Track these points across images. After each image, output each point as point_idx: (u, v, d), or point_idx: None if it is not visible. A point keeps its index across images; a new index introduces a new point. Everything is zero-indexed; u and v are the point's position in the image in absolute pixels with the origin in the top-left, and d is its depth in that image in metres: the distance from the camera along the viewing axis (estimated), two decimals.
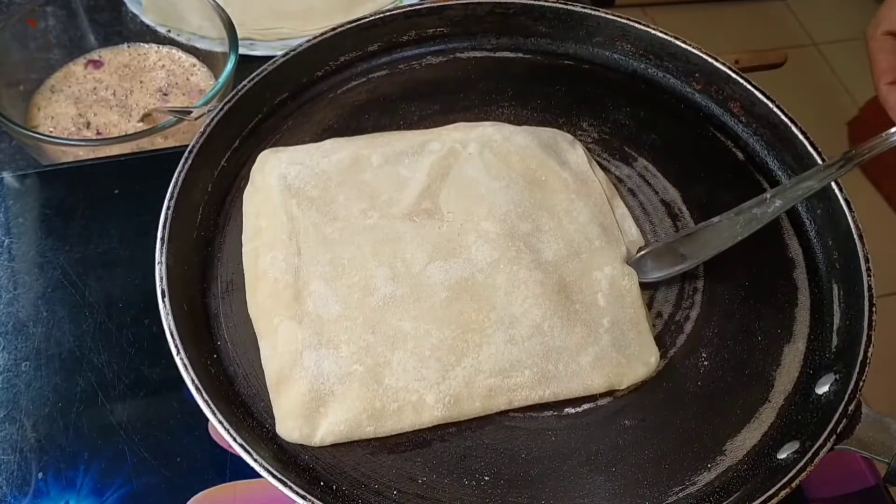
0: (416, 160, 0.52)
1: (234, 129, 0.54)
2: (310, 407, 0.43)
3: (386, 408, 0.43)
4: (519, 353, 0.45)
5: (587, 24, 0.59)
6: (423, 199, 0.50)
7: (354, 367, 0.44)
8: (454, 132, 0.54)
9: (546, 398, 0.45)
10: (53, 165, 0.60)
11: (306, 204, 0.49)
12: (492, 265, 0.47)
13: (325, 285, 0.46)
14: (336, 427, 0.43)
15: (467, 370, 0.44)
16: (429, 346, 0.45)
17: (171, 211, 0.48)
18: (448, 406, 0.43)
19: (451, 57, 0.60)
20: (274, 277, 0.46)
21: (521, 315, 0.46)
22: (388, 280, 0.46)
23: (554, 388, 0.45)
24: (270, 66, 0.55)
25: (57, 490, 0.45)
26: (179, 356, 0.43)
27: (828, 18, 1.85)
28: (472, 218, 0.49)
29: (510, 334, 0.45)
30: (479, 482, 0.42)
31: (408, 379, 0.44)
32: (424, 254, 0.47)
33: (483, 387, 0.44)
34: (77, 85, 0.67)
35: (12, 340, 0.50)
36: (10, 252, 0.53)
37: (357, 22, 0.57)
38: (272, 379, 0.44)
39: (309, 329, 0.45)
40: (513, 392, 0.44)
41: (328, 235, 0.48)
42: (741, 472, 0.43)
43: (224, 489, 0.46)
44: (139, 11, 0.69)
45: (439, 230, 0.49)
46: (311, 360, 0.44)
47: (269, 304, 0.46)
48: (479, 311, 0.46)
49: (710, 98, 0.57)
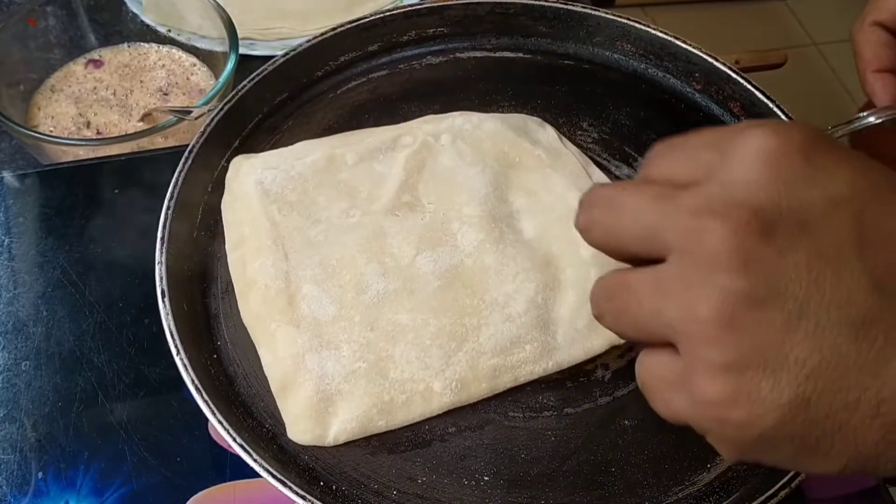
0: (390, 155, 0.52)
1: (234, 129, 0.54)
2: (318, 408, 0.43)
3: (395, 400, 0.43)
4: (517, 329, 0.45)
5: (587, 24, 0.59)
6: (402, 193, 0.50)
7: (358, 364, 0.44)
8: (424, 125, 0.54)
9: (550, 369, 0.45)
10: (53, 165, 0.60)
11: (287, 209, 0.49)
12: (479, 248, 0.47)
13: (317, 287, 0.46)
14: (348, 425, 0.43)
15: (469, 354, 0.44)
16: (428, 335, 0.45)
17: (171, 211, 0.48)
18: (455, 391, 0.44)
19: (451, 57, 0.60)
20: (265, 284, 0.46)
21: (514, 292, 0.46)
22: (379, 276, 0.46)
23: (557, 357, 0.45)
24: (270, 65, 0.55)
25: (57, 490, 0.45)
26: (179, 356, 0.43)
27: (828, 18, 1.85)
28: (453, 206, 0.50)
29: (506, 313, 0.46)
30: (479, 482, 0.42)
31: (412, 370, 0.44)
32: (411, 246, 0.48)
33: (487, 367, 0.44)
34: (77, 84, 0.67)
35: (12, 340, 0.50)
36: (10, 251, 0.53)
37: (357, 22, 0.57)
38: (277, 385, 0.44)
39: (307, 332, 0.45)
40: (517, 369, 0.45)
41: (313, 238, 0.48)
42: (741, 472, 0.43)
43: (224, 489, 0.46)
44: (139, 11, 0.69)
45: (422, 221, 0.49)
46: (313, 362, 0.44)
47: (264, 311, 0.46)
48: (472, 295, 0.46)
49: (710, 98, 0.57)
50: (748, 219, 0.26)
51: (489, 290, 0.46)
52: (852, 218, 0.26)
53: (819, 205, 0.26)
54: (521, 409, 0.45)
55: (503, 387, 0.45)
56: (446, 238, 0.48)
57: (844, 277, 0.26)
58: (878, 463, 0.27)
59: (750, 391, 0.26)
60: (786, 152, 0.27)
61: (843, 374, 0.25)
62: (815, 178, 0.26)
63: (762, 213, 0.26)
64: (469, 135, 0.53)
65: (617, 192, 0.31)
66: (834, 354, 0.25)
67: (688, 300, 0.27)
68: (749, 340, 0.26)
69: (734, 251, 0.26)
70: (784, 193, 0.26)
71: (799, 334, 0.25)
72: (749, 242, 0.26)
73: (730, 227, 0.26)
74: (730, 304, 0.26)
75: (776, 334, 0.26)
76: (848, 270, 0.26)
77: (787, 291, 0.26)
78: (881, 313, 0.25)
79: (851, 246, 0.26)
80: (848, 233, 0.26)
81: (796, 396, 0.26)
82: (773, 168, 0.27)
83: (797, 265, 0.26)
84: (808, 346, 0.25)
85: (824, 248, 0.26)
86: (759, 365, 0.26)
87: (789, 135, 0.27)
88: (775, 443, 0.27)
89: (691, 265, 0.27)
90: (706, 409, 0.27)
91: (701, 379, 0.27)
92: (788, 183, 0.26)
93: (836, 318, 0.25)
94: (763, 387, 0.26)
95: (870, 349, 0.25)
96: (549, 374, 0.45)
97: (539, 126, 0.55)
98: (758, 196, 0.26)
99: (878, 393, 0.25)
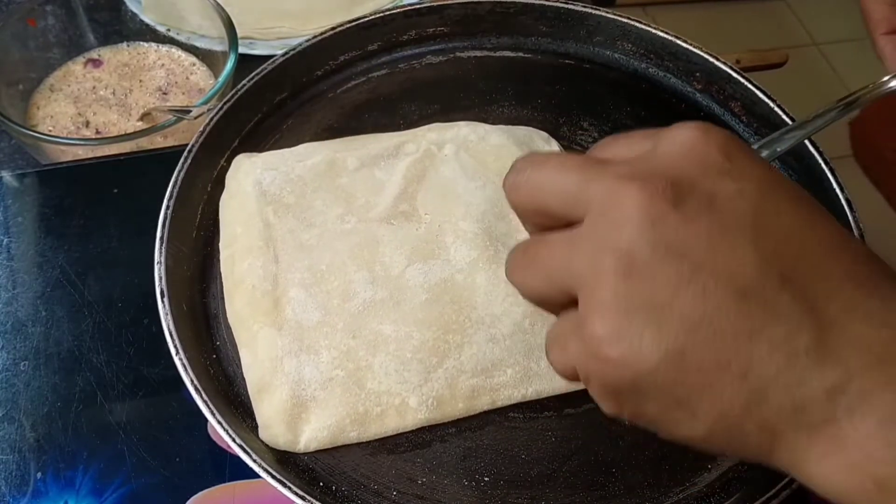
0: (391, 163, 0.52)
1: (234, 128, 0.54)
2: (292, 413, 0.42)
3: (369, 412, 0.43)
4: (500, 352, 0.45)
5: (588, 23, 0.59)
6: (400, 202, 0.50)
7: (336, 372, 0.43)
8: (429, 133, 0.53)
9: (529, 396, 0.44)
10: (52, 165, 0.60)
11: (283, 211, 0.49)
12: (471, 265, 0.47)
13: (303, 292, 0.46)
14: (319, 433, 0.42)
15: (449, 371, 0.44)
16: (410, 348, 0.44)
17: (171, 211, 0.48)
18: (431, 408, 0.43)
19: (451, 56, 0.60)
20: (252, 284, 0.46)
21: (501, 314, 0.46)
22: (367, 284, 0.46)
23: (536, 385, 0.44)
24: (270, 65, 0.55)
25: (56, 490, 0.45)
26: (178, 356, 0.43)
27: (828, 18, 1.85)
28: (449, 219, 0.49)
29: (491, 333, 0.45)
30: (479, 483, 0.42)
31: (390, 382, 0.43)
32: (403, 256, 0.47)
33: (466, 387, 0.44)
34: (76, 84, 0.67)
35: (11, 340, 0.50)
36: (9, 251, 0.53)
37: (357, 21, 0.57)
38: (253, 387, 0.44)
39: (289, 336, 0.44)
40: (495, 392, 0.44)
41: (305, 242, 0.48)
42: (742, 472, 0.43)
43: (223, 489, 0.45)
44: (138, 10, 0.69)
45: (417, 232, 0.49)
46: (291, 366, 0.43)
47: (248, 312, 0.45)
48: (459, 312, 0.46)
49: (711, 98, 0.57)
50: (664, 187, 0.29)
51: (476, 308, 0.46)
52: (754, 208, 0.29)
53: (729, 191, 0.29)
54: (521, 409, 0.45)
55: (479, 408, 0.44)
56: (439, 251, 0.48)
57: (737, 252, 0.28)
58: (744, 433, 0.28)
59: (633, 334, 0.28)
60: (708, 146, 0.30)
61: (720, 336, 0.28)
62: (730, 171, 0.30)
63: (677, 185, 0.29)
64: (473, 147, 0.52)
65: (550, 157, 0.34)
66: (715, 316, 0.28)
67: (596, 251, 0.29)
68: (643, 290, 0.28)
69: (646, 212, 0.29)
70: (700, 175, 0.29)
71: (689, 293, 0.28)
72: (661, 206, 0.29)
73: (646, 192, 0.29)
74: (632, 257, 0.29)
75: (668, 289, 0.28)
76: (741, 247, 0.28)
77: (685, 254, 0.28)
78: (762, 288, 0.28)
79: (749, 229, 0.29)
80: (748, 218, 0.29)
81: (674, 347, 0.28)
82: (694, 155, 0.30)
83: (698, 233, 0.28)
84: (694, 304, 0.28)
85: (725, 225, 0.29)
86: (648, 312, 0.28)
87: (715, 134, 0.30)
88: (648, 391, 0.29)
89: (605, 222, 0.29)
90: (591, 347, 0.29)
91: (593, 318, 0.29)
92: (706, 169, 0.30)
93: (724, 284, 0.28)
94: (646, 333, 0.28)
95: (747, 317, 0.28)
96: (528, 400, 0.44)
97: (545, 142, 0.54)
98: (677, 172, 0.30)
99: (748, 358, 0.28)
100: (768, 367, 0.28)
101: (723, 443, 0.29)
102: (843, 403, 0.27)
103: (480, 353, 0.44)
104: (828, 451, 0.28)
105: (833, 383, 0.27)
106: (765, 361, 0.28)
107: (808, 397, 0.27)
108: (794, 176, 0.53)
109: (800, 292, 0.28)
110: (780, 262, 0.28)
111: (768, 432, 0.28)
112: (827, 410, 0.27)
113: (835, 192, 0.50)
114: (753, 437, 0.29)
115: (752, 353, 0.28)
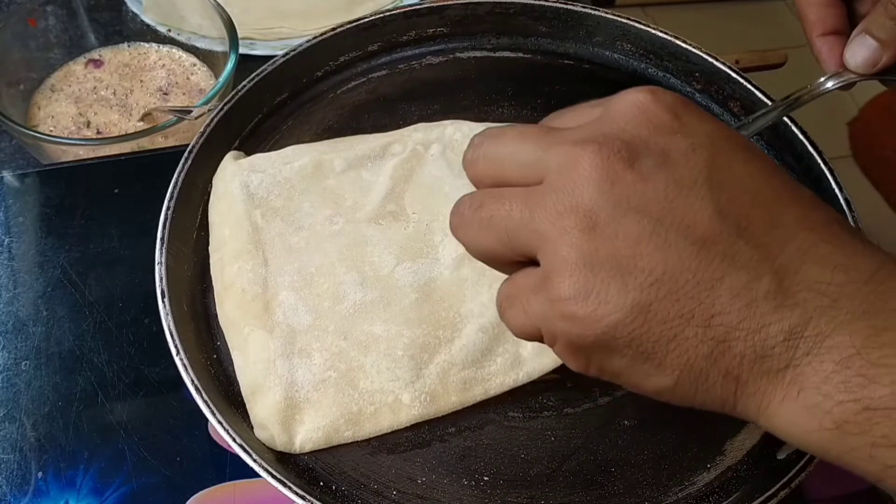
0: (378, 163, 0.52)
1: (234, 128, 0.54)
2: (286, 415, 0.42)
3: (363, 411, 0.43)
4: (490, 341, 0.45)
5: (587, 23, 0.59)
6: (387, 202, 0.50)
7: (328, 373, 0.44)
8: (415, 133, 0.53)
9: (521, 380, 0.45)
10: (53, 165, 0.60)
11: (271, 214, 0.49)
12: (458, 259, 0.47)
13: (294, 295, 0.46)
14: (314, 434, 0.42)
15: (441, 366, 0.44)
16: (401, 346, 0.44)
17: (171, 211, 0.48)
18: (424, 404, 0.43)
19: (451, 57, 0.60)
20: (242, 288, 0.46)
21: (489, 302, 0.46)
22: (357, 286, 0.46)
23: (527, 368, 0.45)
24: (270, 65, 0.55)
25: (56, 489, 0.45)
26: (179, 356, 0.43)
27: None
28: (437, 217, 0.49)
29: (481, 323, 0.45)
30: (479, 482, 0.42)
31: (382, 381, 0.44)
32: (392, 256, 0.47)
33: (458, 380, 0.44)
34: (77, 84, 0.67)
35: (12, 339, 0.50)
36: (10, 251, 0.53)
37: (357, 22, 0.57)
38: (247, 389, 0.44)
39: (280, 339, 0.44)
40: (487, 381, 0.44)
41: (294, 245, 0.48)
42: (741, 472, 0.43)
43: (223, 489, 0.46)
44: (139, 11, 0.69)
45: (405, 231, 0.49)
46: (283, 368, 0.43)
47: (238, 315, 0.45)
48: (449, 308, 0.46)
49: (710, 98, 0.57)
50: (619, 147, 0.30)
51: (466, 301, 0.46)
52: (707, 160, 0.30)
53: (681, 147, 0.30)
54: (521, 409, 0.45)
55: (473, 400, 0.44)
56: (427, 250, 0.48)
57: (694, 204, 0.29)
58: (708, 383, 0.29)
59: (599, 290, 0.29)
60: (657, 107, 0.31)
61: (683, 286, 0.29)
62: (680, 129, 0.31)
63: (631, 145, 0.30)
64: (459, 146, 0.52)
65: (506, 129, 0.34)
66: (677, 267, 0.29)
67: (557, 209, 0.30)
68: (606, 247, 0.29)
69: (604, 172, 0.30)
70: (652, 134, 0.31)
71: (650, 246, 0.29)
72: (617, 166, 0.30)
73: (603, 154, 0.30)
74: (593, 215, 0.30)
75: (630, 244, 0.29)
76: (698, 199, 0.29)
77: (644, 210, 0.29)
78: (720, 237, 0.29)
79: (704, 181, 0.30)
80: (701, 171, 0.30)
81: (639, 301, 0.29)
82: (645, 116, 0.31)
83: (655, 189, 0.29)
84: (656, 257, 0.29)
85: (680, 179, 0.30)
86: (612, 269, 0.29)
87: (662, 95, 0.31)
88: (615, 346, 0.30)
89: (565, 184, 0.30)
90: (557, 306, 0.30)
91: (558, 277, 0.30)
92: (657, 128, 0.31)
93: (683, 235, 0.29)
94: (611, 288, 0.29)
95: (707, 266, 0.29)
96: (520, 384, 0.45)
97: None
98: (630, 133, 0.31)
99: (711, 306, 0.28)
100: (729, 314, 0.28)
101: (689, 394, 0.30)
102: (801, 347, 0.28)
103: (471, 344, 0.45)
104: (788, 395, 0.28)
105: (791, 327, 0.28)
106: (726, 309, 0.28)
107: (768, 343, 0.28)
108: (794, 176, 0.53)
109: (756, 240, 0.29)
110: (735, 212, 0.29)
111: (732, 380, 0.29)
112: (787, 355, 0.28)
113: (834, 191, 0.50)
114: (718, 387, 0.29)
115: (713, 302, 0.28)
